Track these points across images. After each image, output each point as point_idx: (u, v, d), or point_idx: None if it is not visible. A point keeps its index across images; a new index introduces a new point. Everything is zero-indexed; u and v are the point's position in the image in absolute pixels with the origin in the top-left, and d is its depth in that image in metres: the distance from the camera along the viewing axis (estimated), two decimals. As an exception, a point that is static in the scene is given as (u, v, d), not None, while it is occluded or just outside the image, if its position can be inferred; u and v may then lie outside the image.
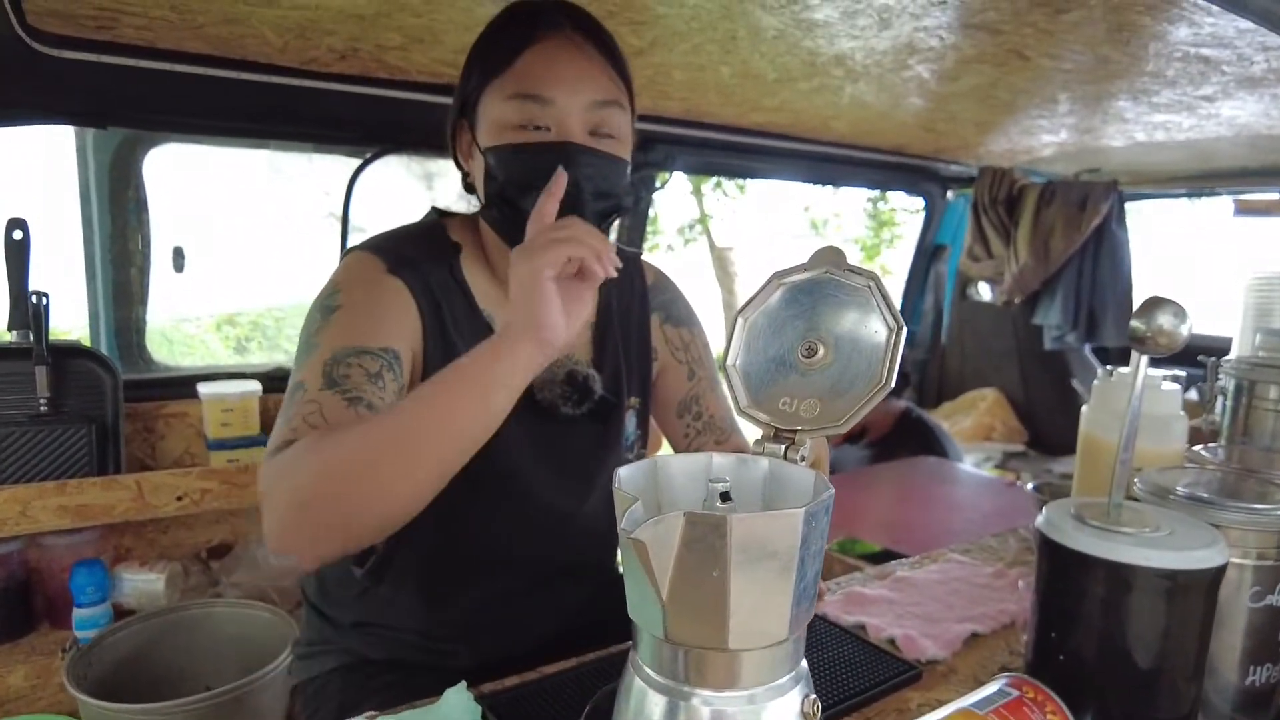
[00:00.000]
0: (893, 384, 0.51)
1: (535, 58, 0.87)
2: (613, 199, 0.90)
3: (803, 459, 0.52)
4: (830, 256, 0.56)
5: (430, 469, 0.70)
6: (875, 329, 0.53)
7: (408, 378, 0.88)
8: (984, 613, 0.97)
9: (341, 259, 0.94)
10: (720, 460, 0.53)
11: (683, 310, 1.14)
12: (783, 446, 0.53)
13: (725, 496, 0.50)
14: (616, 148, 0.90)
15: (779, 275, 0.57)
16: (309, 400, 0.78)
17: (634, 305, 1.09)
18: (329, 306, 0.86)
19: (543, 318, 0.70)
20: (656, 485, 0.52)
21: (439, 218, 1.02)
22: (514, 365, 0.71)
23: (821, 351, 0.54)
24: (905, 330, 0.52)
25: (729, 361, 0.57)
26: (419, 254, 0.93)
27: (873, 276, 0.53)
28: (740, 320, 0.57)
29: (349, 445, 0.70)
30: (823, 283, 0.56)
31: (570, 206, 0.85)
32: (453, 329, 0.93)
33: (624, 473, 0.50)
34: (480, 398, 0.70)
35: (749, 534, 0.43)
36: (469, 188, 0.97)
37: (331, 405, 0.77)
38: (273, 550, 0.73)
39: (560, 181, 0.78)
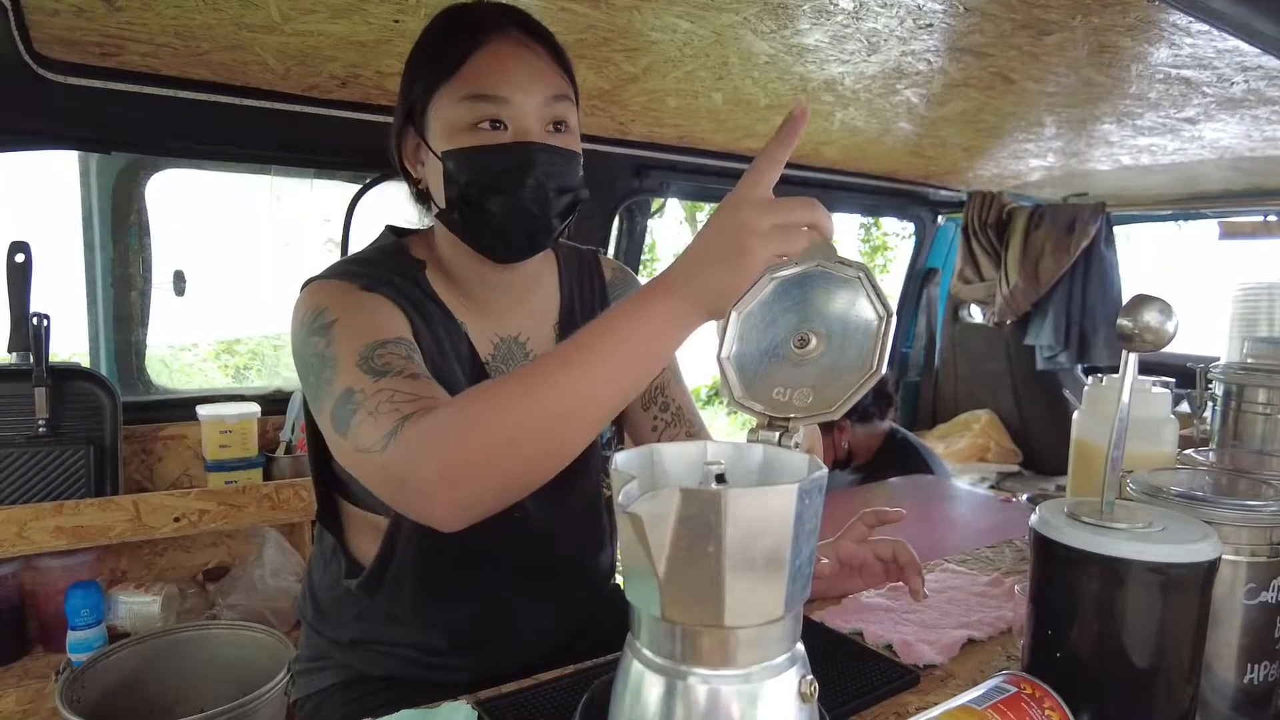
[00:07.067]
0: (883, 370, 0.52)
1: (485, 58, 0.87)
2: (572, 193, 0.92)
3: (796, 445, 0.53)
4: (821, 249, 0.58)
5: (591, 429, 0.69)
6: (866, 317, 0.54)
7: None
8: (980, 619, 0.97)
9: (302, 290, 0.90)
10: (715, 448, 0.54)
11: None
12: (776, 434, 0.54)
13: (720, 478, 0.51)
14: (571, 141, 0.92)
15: (771, 270, 0.59)
16: (380, 389, 0.73)
17: (594, 303, 1.09)
18: (324, 324, 0.82)
19: (731, 297, 0.61)
20: (652, 471, 0.53)
21: (396, 236, 1.01)
22: (685, 333, 0.69)
23: (814, 342, 0.55)
24: (894, 318, 0.53)
25: (722, 354, 0.58)
26: (386, 271, 0.92)
27: (862, 267, 0.55)
28: (734, 314, 0.59)
29: (510, 414, 0.67)
30: (814, 275, 0.57)
31: (536, 204, 0.88)
32: (442, 333, 0.93)
33: (620, 458, 0.50)
34: (648, 357, 0.69)
35: (744, 509, 0.43)
36: (419, 195, 0.97)
37: (408, 386, 0.73)
38: (416, 516, 0.70)
39: (805, 114, 0.71)
